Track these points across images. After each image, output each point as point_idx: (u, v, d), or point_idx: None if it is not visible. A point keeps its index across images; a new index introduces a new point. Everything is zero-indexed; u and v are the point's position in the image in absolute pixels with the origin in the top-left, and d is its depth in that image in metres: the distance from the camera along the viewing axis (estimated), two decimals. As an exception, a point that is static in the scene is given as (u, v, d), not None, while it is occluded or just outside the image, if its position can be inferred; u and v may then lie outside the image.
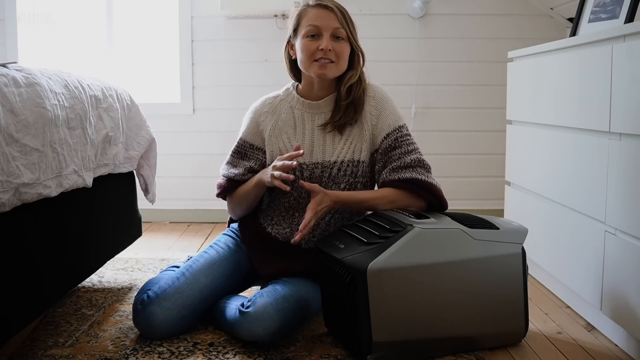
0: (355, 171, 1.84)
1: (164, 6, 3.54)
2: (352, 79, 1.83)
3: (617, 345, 1.76)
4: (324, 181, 1.84)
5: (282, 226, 1.88)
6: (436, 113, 3.48)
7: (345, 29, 1.81)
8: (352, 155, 1.84)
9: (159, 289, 1.75)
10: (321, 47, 1.77)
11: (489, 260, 1.64)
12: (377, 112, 1.85)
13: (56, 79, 1.70)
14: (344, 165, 1.83)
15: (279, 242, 1.87)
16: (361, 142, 1.84)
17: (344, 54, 1.81)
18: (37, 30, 3.54)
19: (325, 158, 1.84)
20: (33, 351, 1.66)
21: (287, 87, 1.96)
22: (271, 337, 1.65)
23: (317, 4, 1.82)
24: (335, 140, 1.84)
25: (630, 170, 1.63)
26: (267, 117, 1.91)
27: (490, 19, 3.44)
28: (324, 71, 1.79)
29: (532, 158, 2.31)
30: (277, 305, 1.65)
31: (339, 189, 1.83)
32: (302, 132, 1.87)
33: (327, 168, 1.83)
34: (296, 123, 1.88)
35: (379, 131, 1.83)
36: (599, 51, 1.79)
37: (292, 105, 1.90)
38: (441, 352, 1.65)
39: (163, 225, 3.47)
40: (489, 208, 3.38)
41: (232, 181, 1.93)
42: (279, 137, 1.88)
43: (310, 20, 1.80)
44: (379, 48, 3.41)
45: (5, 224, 1.44)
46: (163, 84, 3.57)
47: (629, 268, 1.64)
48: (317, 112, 1.87)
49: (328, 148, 1.84)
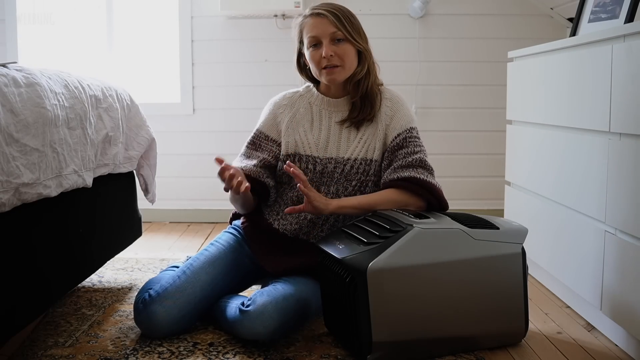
0: (367, 170, 1.86)
1: (164, 6, 3.54)
2: (359, 74, 1.86)
3: (617, 345, 1.76)
4: (336, 177, 1.86)
5: (288, 221, 1.88)
6: (436, 113, 3.48)
7: (342, 30, 1.81)
8: (366, 153, 1.86)
9: (160, 287, 1.75)
10: (322, 55, 1.80)
11: (489, 260, 1.64)
12: (391, 113, 1.88)
13: (56, 79, 1.70)
14: (357, 162, 1.85)
15: (284, 238, 1.88)
16: (374, 141, 1.86)
17: (348, 55, 1.83)
18: (37, 30, 3.54)
19: (340, 154, 1.87)
20: (33, 351, 1.66)
21: (307, 85, 1.99)
22: (271, 336, 1.66)
23: (312, 13, 1.85)
24: (351, 137, 1.87)
25: (630, 170, 1.63)
26: (286, 110, 1.94)
27: (490, 19, 3.44)
28: (333, 76, 1.83)
29: (532, 158, 2.31)
30: (277, 304, 1.65)
31: (351, 186, 1.85)
32: (319, 127, 1.90)
33: (340, 164, 1.86)
34: (313, 118, 1.91)
35: (391, 131, 1.86)
36: (599, 51, 1.79)
37: (311, 102, 1.93)
38: (441, 352, 1.65)
39: (163, 225, 3.47)
40: (489, 208, 3.37)
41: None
42: (296, 129, 1.90)
43: (309, 32, 1.83)
44: (379, 48, 3.37)
45: (5, 224, 1.44)
46: (163, 84, 3.57)
47: (628, 268, 1.64)
48: (335, 110, 1.91)
49: (343, 145, 1.87)
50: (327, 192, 1.86)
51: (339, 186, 1.86)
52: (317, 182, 1.86)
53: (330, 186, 1.86)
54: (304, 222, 1.86)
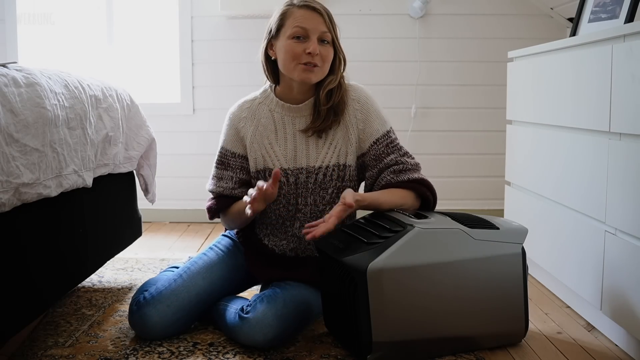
0: (342, 175, 1.80)
1: (164, 6, 3.54)
2: (332, 84, 1.76)
3: (617, 345, 1.76)
4: (310, 187, 1.80)
5: (278, 237, 1.85)
6: (436, 113, 3.48)
7: (332, 32, 1.74)
8: (338, 159, 1.79)
9: (155, 290, 1.74)
10: (308, 50, 1.69)
11: (489, 260, 1.64)
12: (363, 116, 1.80)
13: (56, 79, 1.70)
14: (330, 169, 1.79)
15: (276, 254, 1.86)
16: (346, 146, 1.79)
17: (329, 59, 1.75)
18: (37, 30, 3.53)
19: (310, 163, 1.80)
20: (33, 351, 1.66)
21: (264, 89, 1.89)
22: (270, 344, 1.65)
23: (305, 4, 1.74)
24: (319, 144, 1.80)
25: (630, 170, 1.63)
26: (247, 122, 1.83)
27: (490, 19, 3.44)
28: (309, 75, 1.72)
29: (532, 158, 2.31)
30: (276, 311, 1.64)
31: (327, 194, 1.80)
32: (284, 137, 1.81)
33: (312, 174, 1.79)
34: (277, 127, 1.81)
35: (367, 136, 1.79)
36: (599, 51, 1.79)
37: (271, 109, 1.83)
38: (441, 352, 1.65)
39: (163, 225, 3.47)
40: (489, 208, 3.37)
41: (222, 197, 1.85)
42: (261, 143, 1.81)
43: (297, 22, 1.71)
44: (379, 48, 3.41)
45: (5, 224, 1.44)
46: (163, 84, 3.57)
47: (629, 268, 1.64)
48: (297, 116, 1.81)
49: (312, 153, 1.80)
50: (305, 203, 1.80)
51: (315, 196, 1.80)
52: (293, 194, 1.80)
53: (307, 197, 1.80)
54: (292, 238, 1.83)
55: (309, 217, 1.81)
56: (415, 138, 3.39)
